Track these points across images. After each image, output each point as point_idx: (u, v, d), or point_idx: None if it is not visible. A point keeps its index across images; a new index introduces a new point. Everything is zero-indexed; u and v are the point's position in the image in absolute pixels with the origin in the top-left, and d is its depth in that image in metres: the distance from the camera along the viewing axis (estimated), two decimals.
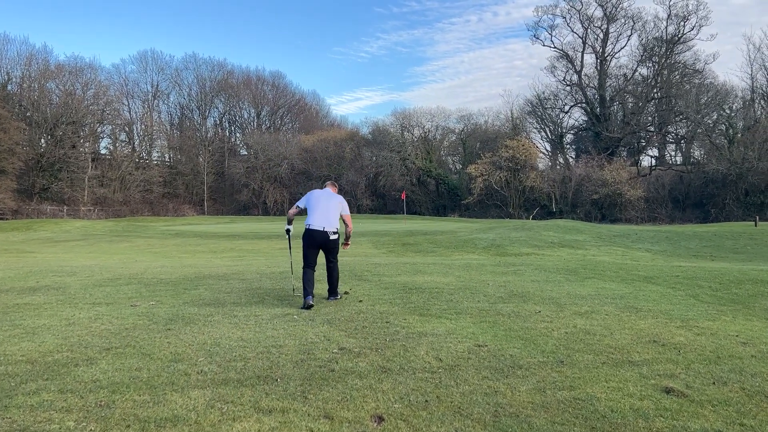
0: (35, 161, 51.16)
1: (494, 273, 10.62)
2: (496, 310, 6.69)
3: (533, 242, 20.22)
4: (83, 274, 10.36)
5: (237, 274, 10.27)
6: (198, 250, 19.52)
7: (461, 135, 68.63)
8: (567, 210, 55.34)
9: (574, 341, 5.17)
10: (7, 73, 56.06)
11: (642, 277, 9.99)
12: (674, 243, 22.03)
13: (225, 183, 69.28)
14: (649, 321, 6.13)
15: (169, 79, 73.34)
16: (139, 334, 5.35)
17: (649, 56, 62.89)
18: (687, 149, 63.56)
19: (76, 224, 34.15)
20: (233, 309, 6.72)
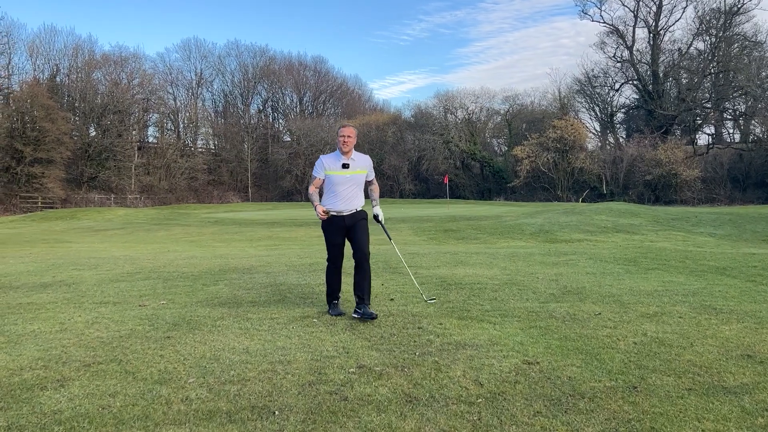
0: (83, 150, 51.98)
1: (544, 264, 9.63)
2: (548, 311, 5.76)
3: (585, 227, 19.00)
4: (104, 267, 9.84)
5: (264, 267, 9.58)
6: (234, 238, 19.03)
7: (506, 116, 66.80)
8: (618, 192, 53.20)
9: (646, 356, 4.22)
10: (55, 65, 57.12)
11: (713, 268, 8.85)
12: (739, 226, 20.44)
13: (269, 169, 69.30)
14: (735, 326, 5.10)
15: (213, 66, 73.68)
16: (132, 344, 4.64)
17: (705, 29, 59.63)
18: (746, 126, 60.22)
19: (118, 212, 34.36)
20: (248, 310, 5.97)
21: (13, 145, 44.05)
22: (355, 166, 5.70)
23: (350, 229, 5.71)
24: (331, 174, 5.66)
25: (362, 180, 5.81)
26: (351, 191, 5.71)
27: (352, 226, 5.70)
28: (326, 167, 5.67)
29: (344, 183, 5.65)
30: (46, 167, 45.05)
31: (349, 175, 5.67)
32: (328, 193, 5.73)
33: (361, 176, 5.78)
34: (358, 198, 5.77)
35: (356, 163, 5.72)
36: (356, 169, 5.71)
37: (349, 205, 5.69)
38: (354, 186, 5.72)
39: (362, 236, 5.71)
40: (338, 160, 5.67)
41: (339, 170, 5.64)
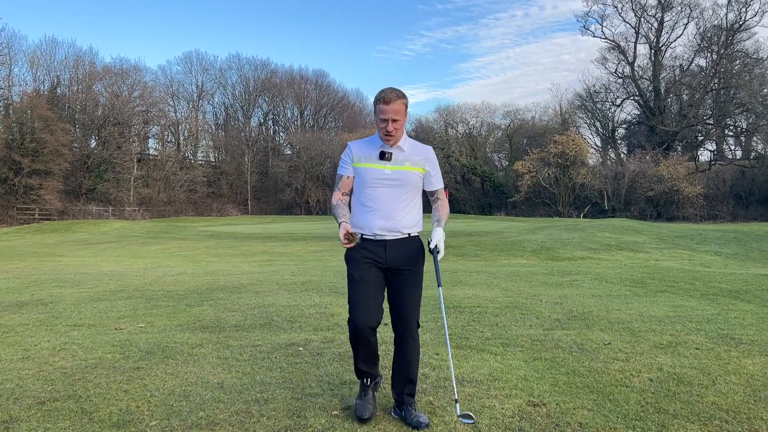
0: (82, 162, 51.68)
1: (547, 284, 9.20)
2: (554, 340, 5.32)
3: (588, 244, 18.56)
4: (88, 285, 9.42)
5: (254, 285, 9.16)
6: (229, 253, 18.60)
7: (507, 131, 66.55)
8: (620, 208, 52.79)
9: (664, 396, 3.78)
10: (56, 77, 56.97)
11: (726, 291, 8.42)
12: (745, 245, 20.00)
13: (269, 182, 68.95)
14: (758, 360, 4.67)
15: (214, 79, 73.57)
16: (96, 377, 4.21)
17: (707, 45, 59.48)
18: (748, 142, 59.89)
19: (114, 225, 33.94)
20: (230, 335, 5.54)
21: (11, 156, 43.75)
22: (402, 157, 3.45)
23: (392, 272, 3.44)
24: (362, 167, 3.45)
25: (415, 182, 3.49)
26: (395, 199, 3.42)
27: (397, 269, 3.43)
28: (355, 158, 3.49)
29: (383, 184, 3.41)
30: (44, 179, 44.72)
31: (391, 171, 3.41)
32: (357, 201, 3.52)
33: (414, 175, 3.46)
34: (408, 212, 3.47)
35: (406, 153, 3.46)
36: (404, 162, 3.44)
37: (391, 223, 3.41)
38: (400, 190, 3.43)
39: (410, 292, 3.45)
40: (374, 146, 3.47)
41: (375, 162, 3.43)
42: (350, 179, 3.56)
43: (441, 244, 3.49)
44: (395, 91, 3.41)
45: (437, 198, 3.68)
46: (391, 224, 3.42)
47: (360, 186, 3.50)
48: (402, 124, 3.43)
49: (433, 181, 3.63)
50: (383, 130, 3.40)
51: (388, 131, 3.38)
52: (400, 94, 3.41)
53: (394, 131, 3.39)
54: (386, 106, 3.36)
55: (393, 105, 3.36)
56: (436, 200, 3.69)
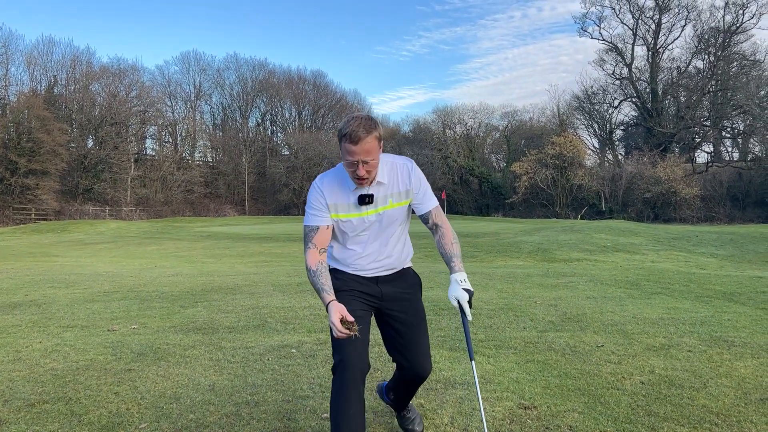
0: (78, 162, 51.59)
1: (542, 286, 9.21)
2: (547, 342, 5.32)
3: (584, 246, 18.58)
4: (82, 285, 9.40)
5: (249, 286, 9.15)
6: (225, 254, 18.58)
7: (505, 132, 66.63)
8: (617, 209, 52.86)
9: (655, 399, 3.78)
10: (53, 76, 56.87)
11: (720, 294, 8.42)
12: (741, 246, 20.03)
13: (266, 183, 68.88)
14: (750, 363, 4.67)
15: (211, 79, 73.45)
16: (87, 379, 4.20)
17: (704, 47, 59.63)
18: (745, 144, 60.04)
19: (110, 225, 33.89)
20: (223, 337, 5.53)
21: (8, 156, 43.64)
22: (384, 192, 2.80)
23: (388, 309, 2.90)
24: (339, 219, 2.79)
25: (403, 215, 2.90)
26: (384, 241, 2.87)
27: (393, 299, 2.90)
28: (329, 206, 2.77)
29: (368, 229, 2.83)
30: (41, 179, 44.61)
31: (376, 215, 2.80)
32: (338, 244, 2.91)
33: (401, 210, 2.86)
34: (401, 247, 2.95)
35: (387, 188, 2.80)
36: (388, 199, 2.81)
37: (385, 263, 2.89)
38: (389, 230, 2.87)
39: (416, 332, 2.94)
40: (348, 187, 2.77)
41: (353, 209, 2.78)
42: (328, 230, 2.76)
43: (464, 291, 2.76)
44: (364, 124, 2.57)
45: (434, 224, 2.91)
46: (380, 265, 2.88)
47: (339, 234, 2.86)
48: (377, 161, 2.67)
49: (424, 201, 2.88)
50: (353, 174, 2.65)
51: (359, 177, 2.63)
52: (370, 127, 2.58)
53: (367, 174, 2.64)
54: (354, 147, 2.54)
55: (363, 145, 2.55)
56: (435, 227, 2.91)
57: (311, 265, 2.72)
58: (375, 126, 2.63)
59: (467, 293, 2.77)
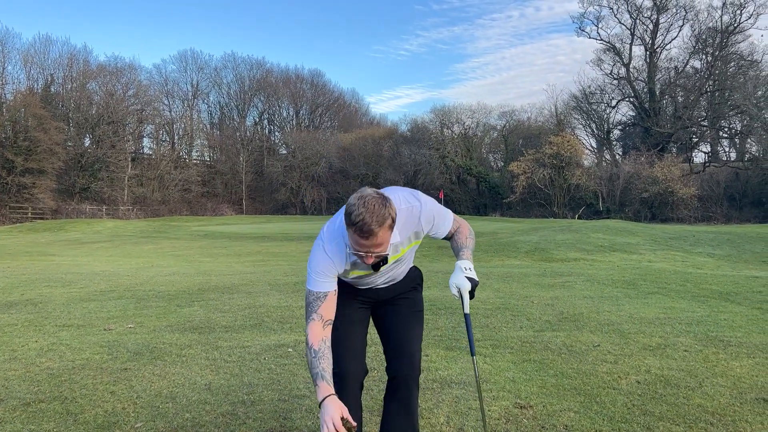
0: (75, 161, 51.48)
1: (539, 286, 9.21)
2: (543, 341, 5.33)
3: (581, 246, 18.60)
4: (78, 285, 9.38)
5: (246, 286, 9.14)
6: (222, 253, 18.57)
7: (503, 132, 66.62)
8: (615, 209, 52.90)
9: (650, 398, 3.79)
10: (50, 75, 56.75)
11: (716, 293, 8.44)
12: (737, 246, 20.06)
13: (264, 182, 68.82)
14: (746, 363, 4.68)
15: (209, 78, 73.34)
16: (83, 378, 4.19)
17: (702, 47, 59.64)
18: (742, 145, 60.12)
19: (107, 224, 33.85)
20: (220, 336, 5.53)
21: (4, 155, 43.53)
22: (394, 244, 2.47)
23: (384, 305, 2.75)
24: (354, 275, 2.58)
25: (413, 254, 2.76)
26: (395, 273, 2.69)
27: (389, 300, 2.75)
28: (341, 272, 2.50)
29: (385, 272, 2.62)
30: (37, 177, 44.51)
31: (393, 263, 2.58)
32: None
33: (411, 252, 2.69)
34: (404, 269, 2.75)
35: (399, 239, 2.48)
36: (399, 248, 2.54)
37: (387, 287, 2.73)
38: (394, 271, 2.68)
39: (407, 323, 2.72)
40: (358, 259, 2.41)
41: (365, 269, 2.52)
42: (335, 294, 2.44)
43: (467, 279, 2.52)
44: (376, 215, 2.16)
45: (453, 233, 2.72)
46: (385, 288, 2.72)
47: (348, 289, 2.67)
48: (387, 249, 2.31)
49: (441, 231, 2.64)
50: (361, 260, 2.33)
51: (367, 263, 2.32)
52: (383, 217, 2.18)
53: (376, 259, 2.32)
54: (365, 241, 2.21)
55: (374, 239, 2.20)
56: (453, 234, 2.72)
57: (312, 343, 2.34)
58: (388, 214, 2.20)
59: (470, 282, 2.50)
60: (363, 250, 2.23)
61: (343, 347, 2.48)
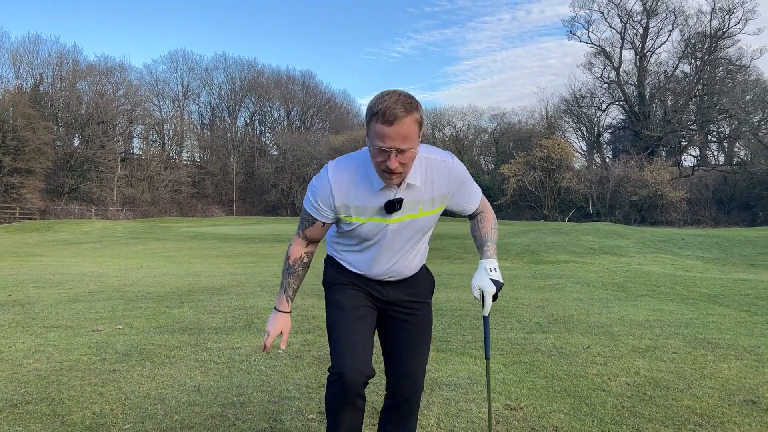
0: (64, 161, 51.18)
1: (530, 288, 9.24)
2: (534, 343, 5.34)
3: (571, 248, 18.68)
4: (67, 285, 9.31)
5: (236, 287, 9.11)
6: (212, 254, 18.50)
7: (494, 134, 66.88)
8: (604, 212, 53.20)
9: (640, 400, 3.80)
10: (39, 74, 56.41)
11: (705, 296, 8.50)
12: (726, 249, 20.22)
13: (254, 183, 68.71)
14: (733, 365, 4.71)
15: (200, 78, 73.19)
16: (71, 380, 4.16)
17: (691, 52, 60.25)
18: (731, 149, 60.73)
19: (96, 225, 33.63)
20: (209, 338, 5.50)
21: None
22: (414, 197, 2.22)
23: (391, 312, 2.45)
24: (359, 223, 2.25)
25: (430, 224, 2.38)
26: (400, 248, 2.35)
27: (400, 306, 2.44)
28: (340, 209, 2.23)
29: (385, 234, 2.28)
30: (26, 177, 44.22)
31: (398, 223, 2.26)
32: (341, 242, 2.42)
33: (430, 219, 2.34)
34: (416, 254, 2.43)
35: (419, 192, 2.22)
36: (417, 206, 2.24)
37: (394, 269, 2.38)
38: (408, 236, 2.33)
39: (414, 341, 2.45)
40: (372, 188, 2.18)
41: (374, 215, 2.22)
42: (325, 228, 2.30)
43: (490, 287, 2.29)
44: (402, 100, 1.99)
45: (479, 212, 2.51)
46: (393, 270, 2.37)
47: (355, 238, 2.31)
48: (415, 152, 2.06)
49: (470, 204, 2.42)
50: (382, 166, 2.05)
51: (391, 170, 2.02)
52: (410, 105, 2.00)
53: (401, 168, 2.04)
54: (388, 128, 1.96)
55: (400, 127, 1.97)
56: (478, 214, 2.51)
57: (290, 256, 2.37)
58: (416, 106, 2.03)
59: (495, 285, 2.29)
60: (387, 143, 1.98)
61: (345, 342, 2.24)
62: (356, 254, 2.37)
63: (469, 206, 2.43)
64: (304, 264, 2.38)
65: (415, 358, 2.44)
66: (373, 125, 2.01)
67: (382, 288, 2.40)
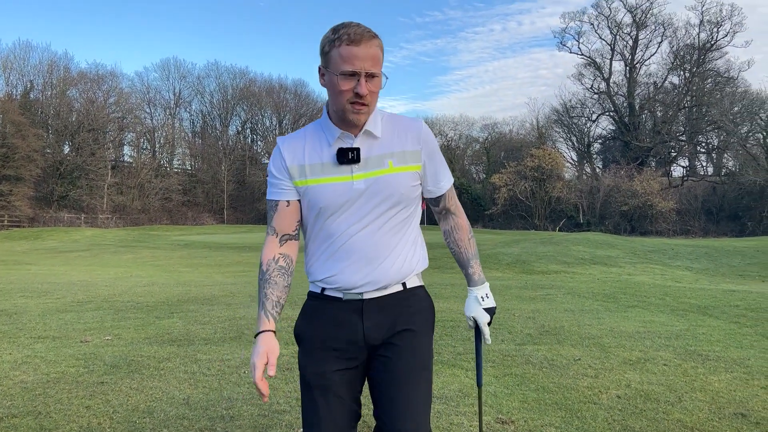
0: (54, 168, 50.86)
1: (521, 298, 9.25)
2: (525, 355, 5.34)
3: (562, 258, 18.73)
4: (55, 295, 9.23)
5: (226, 297, 9.06)
6: (202, 263, 18.41)
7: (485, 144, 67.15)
8: (595, 222, 53.44)
9: (631, 413, 3.80)
10: (29, 81, 56.13)
11: (695, 307, 8.53)
12: (715, 260, 20.36)
13: (245, 191, 68.50)
14: (723, 377, 4.73)
15: (191, 86, 73.01)
16: (58, 392, 4.11)
17: (680, 64, 60.87)
18: (719, 159, 61.30)
19: (86, 233, 33.41)
20: (199, 349, 5.46)
21: None
22: (378, 150, 1.90)
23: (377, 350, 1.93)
24: (311, 185, 1.90)
25: (408, 190, 1.93)
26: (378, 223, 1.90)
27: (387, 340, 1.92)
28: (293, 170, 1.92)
29: (354, 202, 1.88)
30: (14, 185, 43.87)
31: (364, 180, 1.88)
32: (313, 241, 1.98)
33: (404, 179, 1.92)
34: (401, 246, 1.96)
35: (382, 145, 1.91)
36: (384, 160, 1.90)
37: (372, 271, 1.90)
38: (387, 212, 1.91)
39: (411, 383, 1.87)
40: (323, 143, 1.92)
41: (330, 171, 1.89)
42: (290, 208, 1.94)
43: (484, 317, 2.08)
44: (363, 26, 1.84)
45: (446, 208, 2.12)
46: (371, 272, 1.88)
47: (311, 216, 1.93)
48: (379, 85, 1.84)
49: (439, 179, 2.03)
50: (348, 95, 1.80)
51: (361, 96, 1.78)
52: (372, 32, 1.84)
53: (369, 98, 1.81)
54: (357, 49, 1.77)
55: (368, 48, 1.79)
56: (445, 213, 2.13)
57: (262, 262, 1.95)
58: (376, 34, 1.85)
59: (489, 313, 2.09)
60: (356, 65, 1.76)
61: (314, 422, 1.87)
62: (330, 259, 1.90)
63: (442, 182, 2.04)
64: (280, 268, 1.92)
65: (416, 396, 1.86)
66: (336, 50, 1.79)
67: (359, 320, 1.89)
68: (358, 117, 1.83)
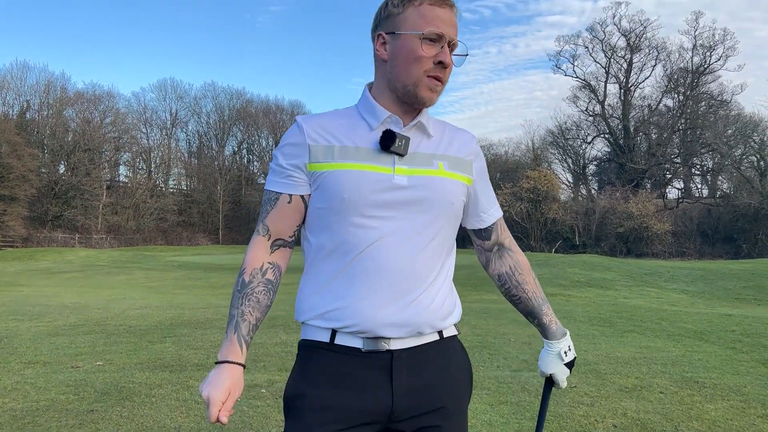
0: (49, 188, 50.79)
1: (516, 322, 9.20)
2: (521, 382, 5.29)
3: (558, 281, 18.71)
4: (47, 318, 9.15)
5: (220, 321, 8.99)
6: (197, 285, 18.32)
7: None
8: (591, 243, 53.49)
9: None
10: (26, 101, 56.28)
11: (691, 332, 8.50)
12: (711, 283, 20.36)
13: (241, 212, 68.45)
14: (720, 405, 4.69)
15: (188, 107, 73.27)
16: (47, 420, 4.05)
17: (674, 87, 61.46)
18: (714, 182, 61.65)
19: (80, 254, 33.26)
20: (191, 375, 5.40)
21: None
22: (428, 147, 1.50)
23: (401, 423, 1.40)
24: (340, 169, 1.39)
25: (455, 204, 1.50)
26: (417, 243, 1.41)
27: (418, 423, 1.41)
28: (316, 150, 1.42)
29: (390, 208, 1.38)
30: (9, 204, 43.72)
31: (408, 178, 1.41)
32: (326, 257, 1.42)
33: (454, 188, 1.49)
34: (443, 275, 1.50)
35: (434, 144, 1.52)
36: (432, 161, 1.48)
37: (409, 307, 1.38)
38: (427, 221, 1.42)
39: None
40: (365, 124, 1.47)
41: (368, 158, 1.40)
42: (292, 205, 1.47)
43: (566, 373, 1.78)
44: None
45: (501, 246, 1.73)
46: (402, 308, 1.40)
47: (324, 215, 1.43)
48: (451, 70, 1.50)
49: (490, 204, 1.69)
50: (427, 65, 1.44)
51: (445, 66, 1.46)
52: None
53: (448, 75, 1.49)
54: (442, 12, 1.44)
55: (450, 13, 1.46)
56: (501, 251, 1.73)
57: (245, 268, 1.46)
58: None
59: (569, 367, 1.77)
60: (442, 28, 1.41)
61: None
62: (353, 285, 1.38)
63: (493, 208, 1.68)
64: (267, 282, 1.45)
65: None
66: (414, 9, 1.42)
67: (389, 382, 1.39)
68: (431, 95, 1.47)
